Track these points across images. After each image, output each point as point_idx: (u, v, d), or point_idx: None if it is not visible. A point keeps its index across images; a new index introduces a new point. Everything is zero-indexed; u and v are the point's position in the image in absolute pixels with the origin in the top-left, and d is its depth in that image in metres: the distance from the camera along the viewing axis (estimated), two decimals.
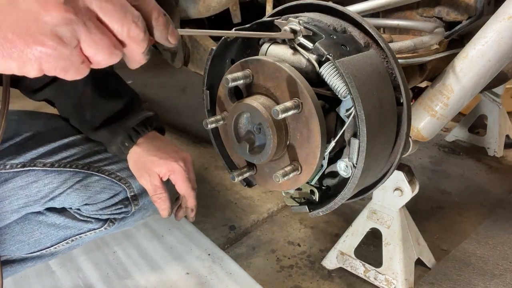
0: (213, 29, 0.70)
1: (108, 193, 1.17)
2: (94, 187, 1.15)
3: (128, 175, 1.19)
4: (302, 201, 0.87)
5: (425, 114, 1.10)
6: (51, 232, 1.19)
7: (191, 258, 1.54)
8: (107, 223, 1.22)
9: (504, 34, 0.95)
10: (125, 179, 1.19)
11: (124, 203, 1.21)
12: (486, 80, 1.02)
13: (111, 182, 1.17)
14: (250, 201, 1.95)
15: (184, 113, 2.98)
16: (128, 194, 1.20)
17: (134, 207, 1.23)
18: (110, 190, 1.17)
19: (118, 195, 1.19)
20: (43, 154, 1.10)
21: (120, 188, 1.19)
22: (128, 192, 1.20)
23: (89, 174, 1.14)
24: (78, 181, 1.12)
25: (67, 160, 1.12)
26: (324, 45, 0.68)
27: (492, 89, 2.22)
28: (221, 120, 0.81)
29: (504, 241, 1.66)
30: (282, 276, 1.50)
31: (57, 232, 1.19)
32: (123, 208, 1.21)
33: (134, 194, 1.21)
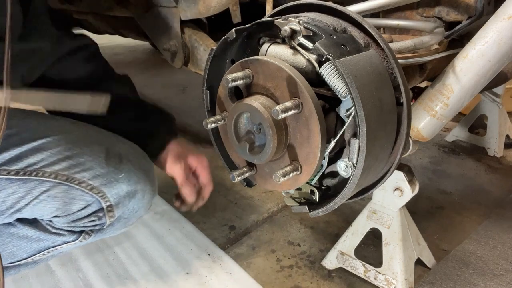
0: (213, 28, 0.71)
1: (78, 204, 1.06)
2: (62, 198, 1.04)
3: (102, 184, 1.07)
4: (302, 201, 0.87)
5: (425, 114, 1.10)
6: (23, 244, 1.12)
7: (191, 258, 1.54)
8: (82, 235, 1.14)
9: (504, 34, 0.95)
10: (97, 188, 1.06)
11: (98, 215, 1.10)
12: (486, 80, 1.02)
13: (81, 192, 1.05)
14: (250, 201, 1.95)
15: (184, 113, 2.98)
16: (103, 205, 1.09)
17: (109, 219, 1.12)
18: (80, 201, 1.06)
19: (90, 206, 1.08)
20: (9, 160, 1.00)
21: (92, 198, 1.07)
22: (103, 203, 1.08)
23: (56, 184, 1.03)
24: (44, 191, 1.02)
25: (33, 168, 1.01)
26: (324, 45, 0.68)
27: (492, 89, 2.22)
28: (221, 120, 0.81)
29: (504, 241, 1.66)
30: (282, 276, 1.50)
31: (30, 244, 1.12)
32: (97, 221, 1.11)
33: (109, 204, 1.09)
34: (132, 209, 1.15)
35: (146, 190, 1.15)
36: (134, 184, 1.11)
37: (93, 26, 2.22)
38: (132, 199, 1.13)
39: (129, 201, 1.12)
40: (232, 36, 0.78)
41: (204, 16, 1.45)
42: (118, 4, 1.69)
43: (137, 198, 1.14)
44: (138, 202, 1.15)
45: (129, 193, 1.11)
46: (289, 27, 0.70)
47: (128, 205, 1.13)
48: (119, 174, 1.09)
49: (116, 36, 2.31)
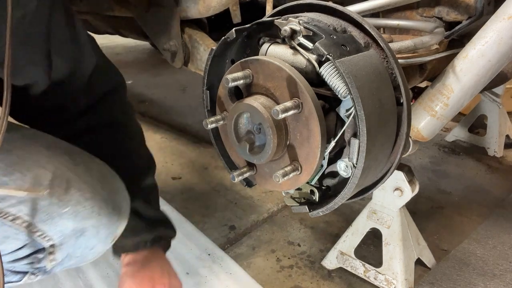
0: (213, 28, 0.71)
1: (13, 244, 0.88)
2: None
3: (42, 220, 0.87)
4: (302, 201, 0.87)
5: (425, 114, 1.10)
6: None
7: (191, 258, 1.54)
8: (27, 275, 0.96)
9: (504, 34, 0.95)
10: (35, 225, 0.87)
11: (37, 257, 0.92)
12: (486, 80, 1.02)
13: (15, 230, 0.86)
14: (250, 201, 1.95)
15: (184, 113, 2.98)
16: (44, 245, 0.90)
17: (50, 263, 0.93)
18: (15, 240, 0.88)
19: (27, 247, 0.90)
20: None
21: (28, 238, 0.88)
22: (44, 243, 0.90)
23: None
24: None
25: None
26: (324, 45, 0.68)
27: (492, 89, 2.22)
28: (221, 120, 0.81)
29: (504, 241, 1.66)
30: (282, 276, 1.50)
31: None
32: (36, 264, 0.93)
33: (52, 244, 0.90)
34: (84, 247, 0.96)
35: (101, 225, 0.95)
36: (82, 221, 0.91)
37: (93, 26, 2.22)
38: (81, 237, 0.93)
39: (77, 240, 0.93)
40: (232, 36, 0.78)
41: (204, 16, 1.46)
42: (118, 4, 1.69)
43: (87, 236, 0.94)
44: (91, 239, 0.95)
45: (76, 231, 0.92)
46: (289, 27, 0.70)
47: (76, 244, 0.94)
48: (63, 207, 0.88)
49: (116, 36, 2.31)
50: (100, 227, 0.95)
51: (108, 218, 0.95)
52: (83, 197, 0.91)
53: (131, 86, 3.60)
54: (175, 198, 1.95)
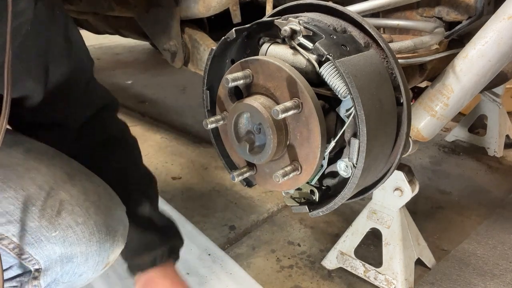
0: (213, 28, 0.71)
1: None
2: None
3: (29, 242, 0.84)
4: (302, 201, 0.87)
5: (425, 114, 1.10)
6: None
7: (191, 258, 1.54)
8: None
9: (504, 34, 0.95)
10: (22, 248, 0.84)
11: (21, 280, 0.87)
12: (486, 80, 1.02)
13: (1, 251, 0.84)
14: (250, 201, 1.95)
15: (184, 113, 2.98)
16: (29, 268, 0.87)
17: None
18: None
19: (11, 269, 0.87)
20: None
21: (13, 260, 0.85)
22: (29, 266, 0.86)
23: None
24: None
25: None
26: (324, 45, 0.68)
27: (492, 89, 2.22)
28: (221, 120, 0.81)
29: (504, 241, 1.66)
30: (282, 276, 1.50)
31: None
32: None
33: (37, 268, 0.87)
34: (72, 273, 0.91)
35: (91, 252, 0.90)
36: (70, 246, 0.87)
37: (93, 26, 2.22)
38: (68, 263, 0.89)
39: (64, 266, 0.89)
40: (232, 36, 0.78)
41: (204, 16, 1.46)
42: (118, 4, 1.69)
43: (76, 263, 0.90)
44: (79, 266, 0.91)
45: (63, 257, 0.88)
46: (289, 27, 0.70)
47: (63, 270, 0.90)
48: (53, 231, 0.85)
49: (116, 36, 2.31)
50: (89, 255, 0.91)
51: (99, 245, 0.91)
52: (75, 222, 0.88)
53: (131, 86, 3.61)
54: (175, 198, 1.95)
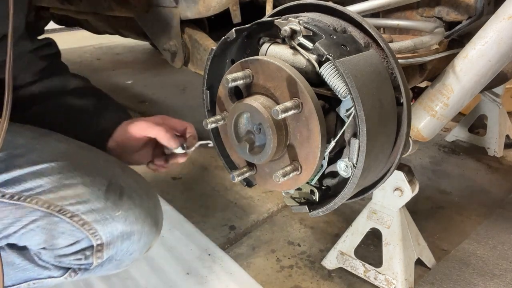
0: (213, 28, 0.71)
1: (67, 239, 0.98)
2: (51, 231, 0.96)
3: (96, 220, 0.98)
4: (302, 201, 0.87)
5: (425, 114, 1.10)
6: (9, 271, 1.04)
7: (191, 258, 1.54)
8: (68, 272, 1.05)
9: (504, 34, 0.95)
10: (89, 224, 0.97)
11: (85, 254, 1.01)
12: (486, 80, 1.02)
13: (71, 227, 0.97)
14: (250, 201, 1.95)
15: (184, 113, 2.98)
16: (93, 243, 1.00)
17: (96, 260, 1.02)
18: (70, 236, 0.98)
19: (79, 243, 0.99)
20: (7, 182, 0.93)
21: (82, 234, 0.98)
22: (93, 241, 0.99)
23: (47, 214, 0.95)
24: (33, 220, 0.95)
25: (29, 193, 0.94)
26: (324, 45, 0.68)
27: (492, 89, 2.22)
28: (221, 120, 0.81)
29: (504, 241, 1.66)
30: (282, 276, 1.50)
31: (15, 273, 1.05)
32: (83, 260, 1.02)
33: (100, 243, 1.00)
34: (126, 251, 1.05)
35: (144, 232, 1.05)
36: (130, 225, 1.01)
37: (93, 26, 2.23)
38: (126, 240, 1.03)
39: (123, 242, 1.03)
40: (232, 36, 0.78)
41: (204, 16, 1.45)
42: (118, 4, 1.69)
43: (132, 240, 1.04)
44: (133, 244, 1.05)
45: (123, 233, 1.02)
46: (289, 27, 0.70)
47: (121, 246, 1.03)
48: (116, 211, 0.99)
49: (116, 36, 2.31)
50: (143, 234, 1.05)
51: (149, 228, 1.05)
52: (134, 204, 1.02)
53: (131, 86, 3.61)
54: (175, 198, 1.95)
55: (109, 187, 1.00)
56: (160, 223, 1.12)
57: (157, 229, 1.10)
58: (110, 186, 1.01)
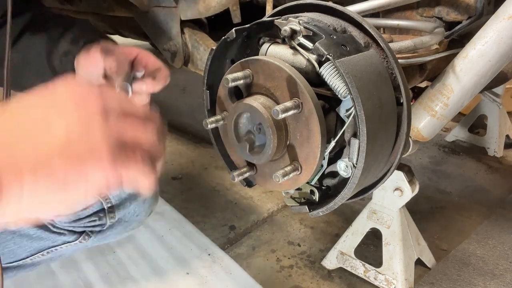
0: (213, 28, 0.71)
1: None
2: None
3: None
4: (302, 201, 0.87)
5: (425, 114, 1.10)
6: (24, 243, 1.10)
7: (191, 258, 1.54)
8: (82, 236, 1.13)
9: (504, 34, 0.95)
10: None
11: (99, 215, 1.10)
12: (486, 80, 1.02)
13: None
14: (250, 201, 1.95)
15: (184, 113, 2.98)
16: (104, 206, 1.10)
17: (110, 220, 1.12)
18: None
19: (92, 206, 1.09)
20: None
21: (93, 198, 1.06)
22: (104, 204, 1.09)
23: None
24: None
25: None
26: (324, 45, 0.68)
27: (492, 89, 2.22)
28: (221, 120, 0.81)
29: (504, 241, 1.66)
30: (282, 276, 1.50)
31: (31, 243, 1.11)
32: (97, 221, 1.11)
33: (111, 205, 1.10)
34: (133, 212, 1.14)
35: (148, 196, 1.16)
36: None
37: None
38: (133, 202, 1.13)
39: (130, 204, 1.12)
40: (232, 36, 0.78)
41: (204, 16, 1.45)
42: (118, 4, 1.69)
43: (138, 201, 1.14)
44: (139, 205, 1.15)
45: (130, 195, 1.11)
46: (289, 27, 0.70)
47: (129, 208, 1.12)
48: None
49: (116, 36, 2.31)
50: (147, 198, 1.15)
51: (152, 193, 1.16)
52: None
53: None
54: (175, 198, 1.95)
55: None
56: (157, 192, 1.23)
57: (156, 195, 1.23)
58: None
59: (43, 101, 0.48)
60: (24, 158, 0.44)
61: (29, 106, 0.48)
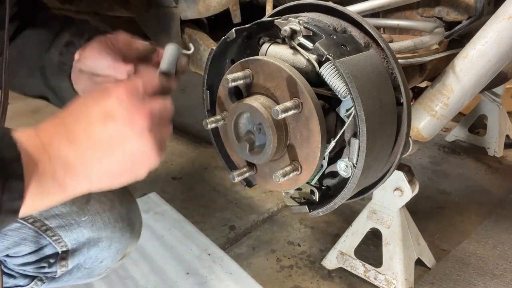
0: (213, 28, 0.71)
1: (29, 246, 0.93)
2: (12, 237, 0.91)
3: (60, 225, 0.93)
4: (302, 201, 0.87)
5: (425, 114, 1.10)
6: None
7: (191, 258, 1.54)
8: (35, 281, 1.00)
9: (504, 34, 0.95)
10: (53, 230, 0.93)
11: (49, 261, 0.96)
12: (486, 80, 1.02)
13: (34, 233, 0.92)
14: (250, 201, 1.95)
15: (184, 113, 2.98)
16: (57, 250, 0.95)
17: (60, 269, 0.97)
18: (32, 242, 0.93)
19: (41, 250, 0.95)
20: None
21: (45, 241, 0.94)
22: (58, 248, 0.95)
23: None
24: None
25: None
26: (324, 45, 0.68)
27: (492, 89, 2.22)
28: (221, 120, 0.80)
29: (504, 241, 1.66)
30: (282, 276, 1.50)
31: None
32: (47, 268, 0.97)
33: (65, 250, 0.95)
34: (95, 259, 1.00)
35: (114, 238, 1.01)
36: (98, 230, 0.97)
37: None
38: (93, 247, 0.99)
39: (90, 249, 0.98)
40: (232, 36, 0.78)
41: (204, 16, 1.45)
42: (118, 4, 1.69)
43: (100, 247, 0.99)
44: (103, 251, 1.00)
45: (90, 240, 0.98)
46: (289, 27, 0.70)
47: (88, 254, 0.99)
48: (82, 216, 0.95)
49: None
50: (113, 240, 1.00)
51: (121, 233, 1.00)
52: (102, 209, 0.98)
53: None
54: (175, 198, 1.95)
55: None
56: (136, 228, 1.06)
57: (132, 234, 1.05)
58: None
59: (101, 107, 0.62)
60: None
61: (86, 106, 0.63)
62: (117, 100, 0.62)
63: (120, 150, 0.62)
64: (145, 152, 0.63)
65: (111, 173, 0.63)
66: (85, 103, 0.64)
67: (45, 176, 0.58)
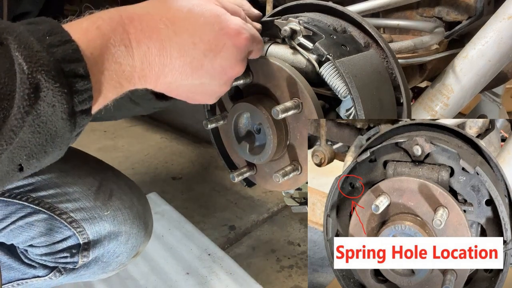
0: None
1: (54, 237, 0.99)
2: (38, 227, 0.97)
3: (84, 218, 0.99)
4: (302, 201, 0.87)
5: (425, 114, 1.10)
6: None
7: (191, 258, 1.55)
8: (53, 272, 1.05)
9: (504, 34, 0.95)
10: (78, 222, 0.99)
11: (71, 251, 1.01)
12: (486, 80, 1.02)
13: (60, 224, 0.98)
14: (250, 201, 1.95)
15: (184, 113, 2.98)
16: (80, 241, 1.00)
17: (82, 259, 1.02)
18: (57, 233, 0.99)
19: (66, 241, 1.00)
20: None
21: (69, 232, 0.99)
22: (80, 239, 1.00)
23: (37, 210, 0.97)
24: (22, 216, 0.96)
25: (20, 190, 0.96)
26: (324, 45, 0.68)
27: (492, 89, 2.22)
28: (221, 120, 0.81)
29: None
30: (282, 276, 1.50)
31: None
32: (69, 258, 1.01)
33: (87, 241, 1.00)
34: (112, 252, 1.05)
35: (132, 234, 1.06)
36: (118, 225, 1.03)
37: None
38: (113, 241, 1.04)
39: (109, 243, 1.03)
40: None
41: None
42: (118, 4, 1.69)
43: (119, 241, 1.04)
44: (120, 245, 1.05)
45: (111, 233, 1.03)
46: (289, 27, 0.70)
47: (107, 247, 1.03)
48: (105, 211, 1.01)
49: None
50: (131, 236, 1.06)
51: (138, 230, 1.07)
52: (123, 206, 1.04)
53: None
54: (175, 198, 1.95)
55: (100, 188, 1.03)
56: (149, 228, 1.12)
57: (146, 233, 1.11)
58: (101, 187, 1.04)
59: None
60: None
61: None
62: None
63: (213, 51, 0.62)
64: (233, 59, 0.64)
65: (195, 66, 0.61)
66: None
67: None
